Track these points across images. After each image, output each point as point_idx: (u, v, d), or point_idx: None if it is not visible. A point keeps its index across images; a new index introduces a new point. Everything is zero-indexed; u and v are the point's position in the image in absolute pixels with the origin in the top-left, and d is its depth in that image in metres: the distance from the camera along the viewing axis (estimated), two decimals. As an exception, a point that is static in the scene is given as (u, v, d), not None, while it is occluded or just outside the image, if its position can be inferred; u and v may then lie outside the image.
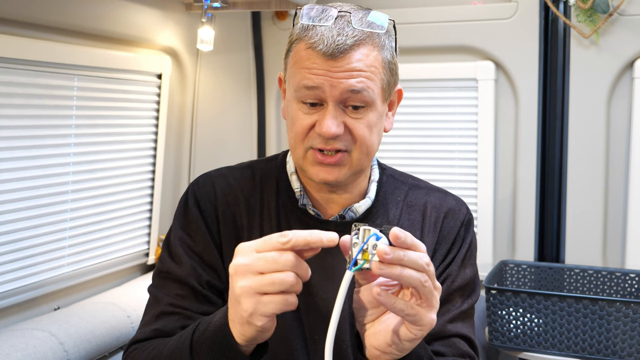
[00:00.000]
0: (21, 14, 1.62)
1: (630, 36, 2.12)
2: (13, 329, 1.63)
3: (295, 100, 1.07)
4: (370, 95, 1.04)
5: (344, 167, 1.07)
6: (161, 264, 1.15)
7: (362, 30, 1.04)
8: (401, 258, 0.82)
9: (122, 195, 2.10)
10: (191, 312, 1.09)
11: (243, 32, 2.52)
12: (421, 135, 2.42)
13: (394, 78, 1.11)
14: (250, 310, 0.83)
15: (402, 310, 0.84)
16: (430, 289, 0.84)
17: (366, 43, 1.04)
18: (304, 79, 1.03)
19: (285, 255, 0.83)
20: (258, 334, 0.86)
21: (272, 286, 0.82)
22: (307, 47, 1.04)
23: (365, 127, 1.05)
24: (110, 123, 2.01)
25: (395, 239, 0.82)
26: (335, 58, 1.02)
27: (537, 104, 2.26)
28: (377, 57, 1.05)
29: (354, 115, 1.05)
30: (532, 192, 2.28)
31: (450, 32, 2.32)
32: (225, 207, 1.15)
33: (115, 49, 1.98)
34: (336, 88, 1.02)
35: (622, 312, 1.82)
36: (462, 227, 1.18)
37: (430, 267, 0.85)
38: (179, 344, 0.97)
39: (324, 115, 1.04)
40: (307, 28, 1.04)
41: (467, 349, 1.13)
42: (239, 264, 0.85)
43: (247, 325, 0.85)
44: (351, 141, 1.06)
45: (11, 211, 1.69)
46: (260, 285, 0.82)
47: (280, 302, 0.82)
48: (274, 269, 0.83)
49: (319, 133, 1.04)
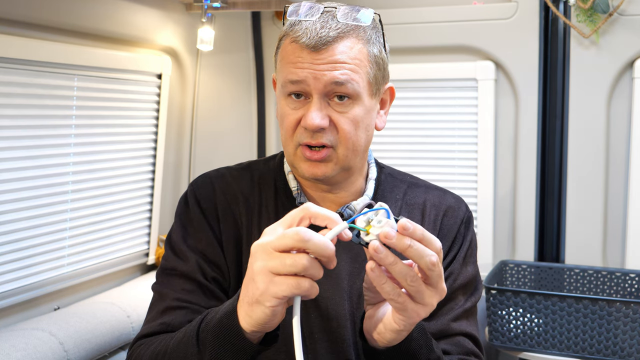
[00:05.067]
0: (21, 14, 1.62)
1: (630, 36, 2.12)
2: (13, 329, 1.63)
3: (283, 96, 1.08)
4: (354, 88, 1.04)
5: (330, 162, 1.08)
6: (165, 261, 1.15)
7: (347, 23, 1.04)
8: (405, 248, 0.81)
9: (122, 195, 2.10)
10: (199, 307, 1.09)
11: (243, 32, 2.52)
12: (421, 135, 2.42)
13: (382, 73, 1.11)
14: (262, 289, 0.82)
15: (388, 292, 0.84)
16: (417, 289, 0.83)
17: (350, 36, 1.04)
18: (289, 74, 1.05)
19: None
20: (265, 318, 0.84)
21: (284, 267, 0.81)
22: (292, 41, 1.05)
23: (350, 122, 1.06)
24: (110, 123, 2.01)
25: (402, 229, 0.81)
26: (319, 50, 1.02)
27: (537, 104, 2.26)
28: (362, 50, 1.05)
29: (339, 109, 1.05)
30: (532, 192, 2.28)
31: (450, 32, 2.32)
32: (225, 205, 1.15)
33: (115, 49, 1.98)
34: (320, 80, 1.03)
35: (622, 312, 1.81)
36: (462, 225, 1.19)
37: (436, 268, 0.83)
38: (185, 334, 0.96)
39: (309, 108, 1.04)
40: (294, 23, 1.06)
41: (472, 347, 1.13)
42: (259, 243, 0.84)
43: (256, 304, 0.84)
44: (336, 136, 1.06)
45: (11, 211, 1.70)
46: (274, 265, 0.81)
47: (291, 285, 0.81)
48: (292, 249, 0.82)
49: (303, 126, 1.05)
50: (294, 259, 0.80)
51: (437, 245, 0.84)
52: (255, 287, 0.83)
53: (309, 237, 0.80)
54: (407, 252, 0.81)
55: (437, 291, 0.85)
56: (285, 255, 0.81)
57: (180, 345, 0.96)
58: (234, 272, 1.13)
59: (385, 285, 0.83)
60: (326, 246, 0.81)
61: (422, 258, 0.82)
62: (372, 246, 0.81)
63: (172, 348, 0.97)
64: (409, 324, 0.87)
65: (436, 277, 0.84)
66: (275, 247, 0.82)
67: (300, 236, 0.80)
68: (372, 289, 0.92)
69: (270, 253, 0.82)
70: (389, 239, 0.80)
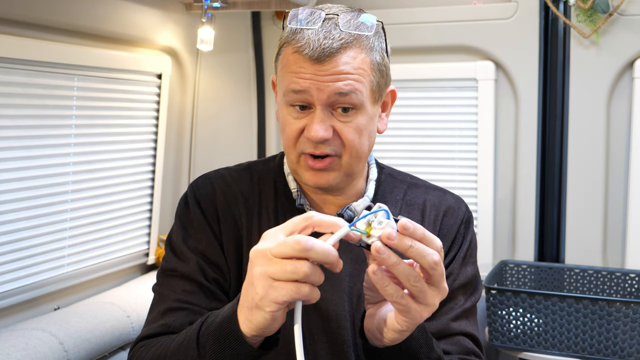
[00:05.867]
0: (21, 14, 1.62)
1: (630, 36, 2.12)
2: (13, 329, 1.63)
3: (285, 105, 1.07)
4: (358, 98, 1.03)
5: (333, 171, 1.07)
6: (165, 262, 1.15)
7: (349, 32, 1.03)
8: (406, 248, 0.80)
9: (122, 195, 2.10)
10: (200, 308, 1.08)
11: (243, 32, 2.52)
12: (421, 135, 2.42)
13: (385, 79, 1.10)
14: (261, 294, 0.82)
15: (391, 295, 0.83)
16: (420, 289, 0.83)
17: (353, 46, 1.03)
18: (292, 83, 1.03)
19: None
20: (265, 323, 0.84)
21: (284, 274, 0.80)
22: (294, 51, 1.03)
23: (354, 131, 1.05)
24: (110, 123, 2.01)
25: (402, 229, 0.80)
26: (322, 62, 1.01)
27: (537, 104, 2.26)
28: (365, 60, 1.04)
29: (343, 119, 1.04)
30: (532, 192, 2.28)
31: (450, 32, 2.32)
32: (225, 206, 1.15)
33: (115, 49, 1.98)
34: (323, 91, 1.02)
35: (622, 312, 1.81)
36: (462, 225, 1.19)
37: (438, 267, 0.82)
38: (186, 337, 0.96)
39: (312, 120, 1.03)
40: (295, 31, 1.04)
41: (473, 347, 1.13)
42: (259, 249, 0.83)
43: (255, 309, 0.83)
44: (340, 145, 1.05)
45: (11, 211, 1.70)
46: (274, 270, 0.81)
47: (291, 290, 0.80)
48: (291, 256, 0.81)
49: (307, 137, 1.04)
50: (294, 266, 0.80)
51: (438, 244, 0.83)
52: (255, 292, 0.83)
53: (310, 245, 0.79)
54: (408, 252, 0.81)
55: (440, 290, 0.85)
56: (286, 261, 0.80)
57: (181, 349, 0.95)
58: (234, 273, 1.13)
59: (388, 287, 0.83)
60: (329, 253, 0.80)
61: (424, 257, 0.81)
62: (374, 247, 0.80)
63: (173, 351, 0.97)
64: (412, 324, 0.87)
65: (438, 276, 0.83)
66: (275, 255, 0.81)
67: (302, 245, 0.79)
68: (372, 288, 0.92)
69: (270, 259, 0.81)
70: (390, 239, 0.80)
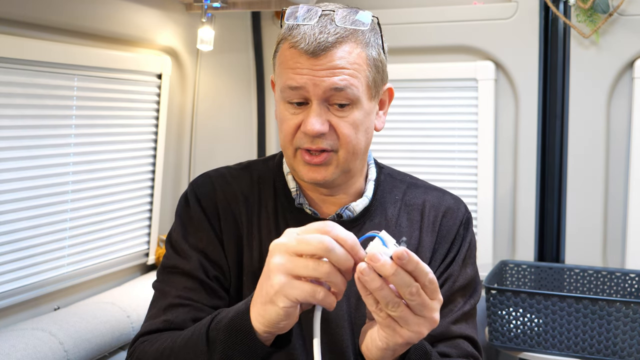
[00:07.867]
0: (21, 14, 1.62)
1: (630, 36, 2.12)
2: (13, 329, 1.63)
3: (282, 101, 1.08)
4: (354, 93, 1.04)
5: (330, 166, 1.07)
6: (166, 260, 1.15)
7: (345, 27, 1.03)
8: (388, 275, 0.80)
9: (122, 195, 2.10)
10: (201, 305, 1.08)
11: (243, 32, 2.52)
12: (421, 135, 2.42)
13: (381, 76, 1.10)
14: (276, 288, 0.82)
15: (371, 305, 0.83)
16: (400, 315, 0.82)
17: (349, 40, 1.04)
18: (288, 80, 1.04)
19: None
20: (277, 319, 0.84)
21: (306, 270, 0.81)
22: (290, 46, 1.04)
23: (350, 126, 1.05)
24: (110, 123, 2.01)
25: (397, 259, 0.80)
26: (318, 56, 1.02)
27: (537, 104, 2.26)
28: (361, 54, 1.05)
29: (339, 114, 1.05)
30: (532, 192, 2.28)
31: (450, 32, 2.32)
32: (225, 204, 1.15)
33: (115, 49, 1.98)
34: (319, 86, 1.02)
35: (622, 312, 1.81)
36: (462, 226, 1.18)
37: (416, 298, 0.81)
38: (194, 332, 0.95)
39: (308, 114, 1.04)
40: (292, 27, 1.05)
41: (472, 350, 1.13)
42: (280, 243, 0.84)
43: (269, 304, 0.84)
44: (336, 140, 1.06)
45: (11, 211, 1.70)
46: (294, 266, 0.82)
47: (307, 291, 0.81)
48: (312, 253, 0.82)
49: (303, 132, 1.05)
50: (317, 263, 0.80)
51: (428, 278, 0.82)
52: (270, 285, 0.83)
53: (332, 247, 0.80)
54: (390, 279, 0.80)
55: (427, 320, 0.83)
56: (308, 258, 0.81)
57: (189, 344, 0.95)
58: (234, 271, 1.13)
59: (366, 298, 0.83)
60: (348, 258, 0.81)
61: (403, 287, 0.80)
62: (359, 268, 0.81)
63: (180, 346, 0.97)
64: (392, 342, 0.85)
65: (418, 306, 0.82)
66: (296, 251, 0.82)
67: (325, 245, 0.80)
68: None
69: (291, 254, 0.82)
70: (374, 261, 0.80)
